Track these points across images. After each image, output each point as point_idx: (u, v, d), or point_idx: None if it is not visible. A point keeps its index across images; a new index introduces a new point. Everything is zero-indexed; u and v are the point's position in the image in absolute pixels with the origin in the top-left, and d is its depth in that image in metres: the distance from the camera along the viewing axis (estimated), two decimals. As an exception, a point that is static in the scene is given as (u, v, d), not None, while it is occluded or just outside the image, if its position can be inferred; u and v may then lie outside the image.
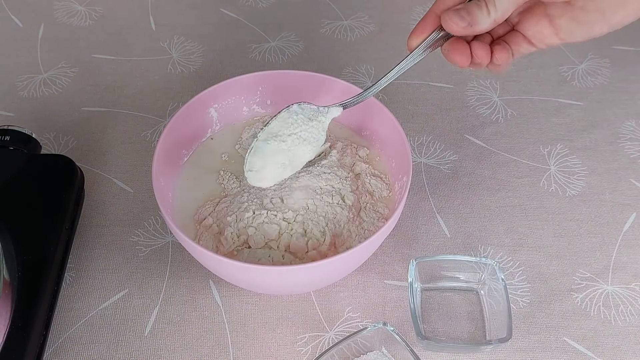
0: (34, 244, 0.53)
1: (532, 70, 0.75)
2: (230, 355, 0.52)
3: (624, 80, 0.74)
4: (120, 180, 0.64)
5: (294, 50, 0.77)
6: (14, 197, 0.56)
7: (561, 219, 0.61)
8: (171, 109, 0.70)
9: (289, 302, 0.55)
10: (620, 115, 0.70)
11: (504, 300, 0.52)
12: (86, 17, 0.81)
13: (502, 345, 0.52)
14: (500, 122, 0.70)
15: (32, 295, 0.50)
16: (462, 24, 0.46)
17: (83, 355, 0.52)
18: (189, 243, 0.48)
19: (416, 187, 0.63)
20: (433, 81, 0.73)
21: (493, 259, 0.56)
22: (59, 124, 0.68)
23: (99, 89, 0.72)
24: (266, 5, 0.83)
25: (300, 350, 0.53)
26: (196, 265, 0.57)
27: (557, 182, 0.64)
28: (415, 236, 0.60)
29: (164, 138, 0.54)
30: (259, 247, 0.53)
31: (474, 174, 0.65)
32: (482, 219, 0.61)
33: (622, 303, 0.56)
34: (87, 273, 0.57)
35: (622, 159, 0.66)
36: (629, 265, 0.58)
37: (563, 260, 0.59)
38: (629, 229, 0.61)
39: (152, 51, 0.76)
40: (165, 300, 0.55)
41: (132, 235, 0.60)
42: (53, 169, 0.58)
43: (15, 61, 0.75)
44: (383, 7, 0.82)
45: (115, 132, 0.68)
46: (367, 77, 0.74)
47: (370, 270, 0.57)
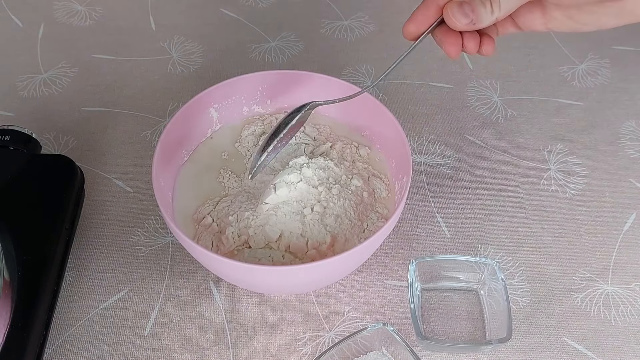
0: (34, 244, 0.53)
1: (532, 70, 0.75)
2: (230, 355, 0.52)
3: (624, 80, 0.74)
4: (120, 180, 0.64)
5: (294, 50, 0.77)
6: (14, 197, 0.56)
7: (561, 219, 0.61)
8: (171, 109, 0.70)
9: (289, 302, 0.55)
10: (620, 115, 0.70)
11: (503, 300, 0.52)
12: (86, 17, 0.81)
13: (502, 346, 0.52)
14: (500, 122, 0.70)
15: (32, 295, 0.50)
16: (465, 21, 0.46)
17: (83, 355, 0.52)
18: (189, 243, 0.48)
19: (416, 187, 0.63)
20: (433, 81, 0.73)
21: (493, 259, 0.56)
22: (59, 124, 0.68)
23: (99, 89, 0.72)
24: (266, 5, 0.83)
25: (300, 350, 0.53)
26: (196, 265, 0.57)
27: (557, 182, 0.64)
28: (415, 236, 0.60)
29: (164, 138, 0.54)
30: (259, 247, 0.53)
31: (474, 174, 0.65)
32: (482, 219, 0.61)
33: (622, 303, 0.56)
34: (87, 273, 0.57)
35: (622, 159, 0.66)
36: (629, 265, 0.58)
37: (563, 260, 0.59)
38: (629, 229, 0.61)
39: (152, 51, 0.76)
40: (165, 300, 0.55)
41: (132, 235, 0.60)
42: (53, 169, 0.58)
43: (15, 61, 0.75)
44: (383, 7, 0.82)
45: (115, 132, 0.68)
46: (367, 77, 0.74)
47: (370, 270, 0.57)
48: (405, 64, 0.75)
